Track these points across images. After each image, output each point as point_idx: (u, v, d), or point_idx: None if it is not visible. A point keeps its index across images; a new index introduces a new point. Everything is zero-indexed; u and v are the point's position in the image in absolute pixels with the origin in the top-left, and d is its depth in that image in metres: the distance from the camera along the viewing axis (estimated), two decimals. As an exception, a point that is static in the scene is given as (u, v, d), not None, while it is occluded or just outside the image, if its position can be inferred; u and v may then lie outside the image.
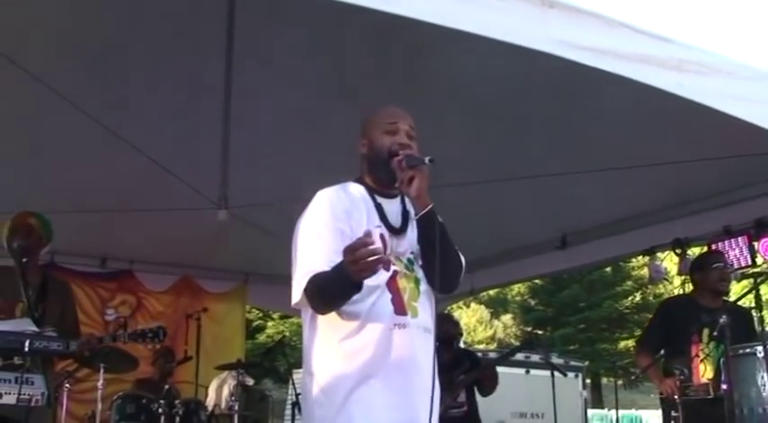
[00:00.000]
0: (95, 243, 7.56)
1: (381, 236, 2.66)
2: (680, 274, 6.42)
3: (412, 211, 2.83)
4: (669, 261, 7.69)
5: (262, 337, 27.49)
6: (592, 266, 17.99)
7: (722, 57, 3.10)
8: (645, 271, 8.14)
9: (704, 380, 4.76)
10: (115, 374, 5.59)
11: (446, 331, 6.79)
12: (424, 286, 2.77)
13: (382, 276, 2.60)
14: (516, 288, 33.82)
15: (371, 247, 2.29)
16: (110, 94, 4.95)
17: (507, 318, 40.12)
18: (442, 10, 2.56)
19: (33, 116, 5.07)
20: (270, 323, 28.81)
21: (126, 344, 4.67)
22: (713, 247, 6.18)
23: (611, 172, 5.28)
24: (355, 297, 2.52)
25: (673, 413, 4.73)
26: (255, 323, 26.97)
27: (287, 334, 24.05)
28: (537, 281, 29.14)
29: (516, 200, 6.02)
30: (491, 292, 33.12)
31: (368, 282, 2.46)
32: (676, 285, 5.36)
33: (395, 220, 2.79)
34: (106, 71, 4.83)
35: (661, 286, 24.37)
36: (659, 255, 6.83)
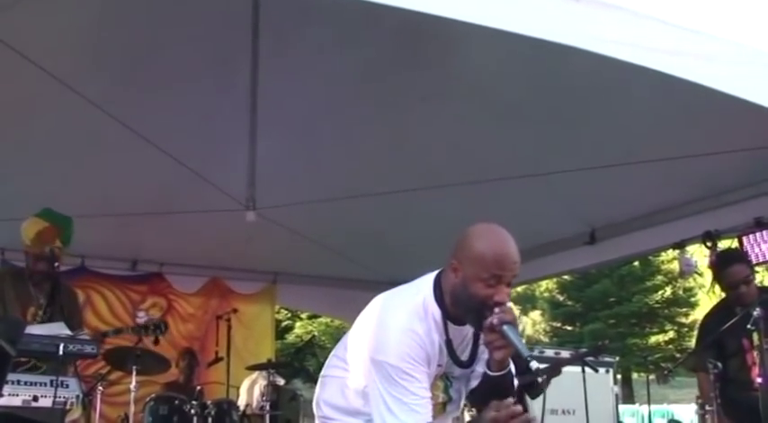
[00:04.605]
0: (125, 246, 7.63)
1: (439, 366, 2.55)
2: (711, 267, 6.29)
3: (482, 340, 2.55)
4: (699, 254, 7.61)
5: (291, 337, 27.56)
6: (621, 261, 17.81)
7: (753, 48, 3.07)
8: (675, 265, 8.04)
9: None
10: (147, 376, 5.64)
11: None
12: (451, 407, 2.75)
13: None
14: (544, 284, 33.48)
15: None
16: (138, 97, 4.99)
17: (536, 314, 39.90)
18: (469, 7, 2.56)
19: (64, 121, 5.12)
20: (298, 323, 28.88)
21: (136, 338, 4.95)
22: (744, 239, 6.11)
23: (640, 165, 5.23)
24: None
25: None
26: (284, 323, 27.05)
27: (316, 333, 24.14)
28: (566, 276, 28.91)
29: (545, 195, 5.98)
30: (518, 289, 32.92)
31: None
32: (704, 280, 5.19)
33: (463, 348, 2.59)
34: (134, 75, 4.88)
35: (692, 280, 24.13)
36: (689, 248, 6.76)
